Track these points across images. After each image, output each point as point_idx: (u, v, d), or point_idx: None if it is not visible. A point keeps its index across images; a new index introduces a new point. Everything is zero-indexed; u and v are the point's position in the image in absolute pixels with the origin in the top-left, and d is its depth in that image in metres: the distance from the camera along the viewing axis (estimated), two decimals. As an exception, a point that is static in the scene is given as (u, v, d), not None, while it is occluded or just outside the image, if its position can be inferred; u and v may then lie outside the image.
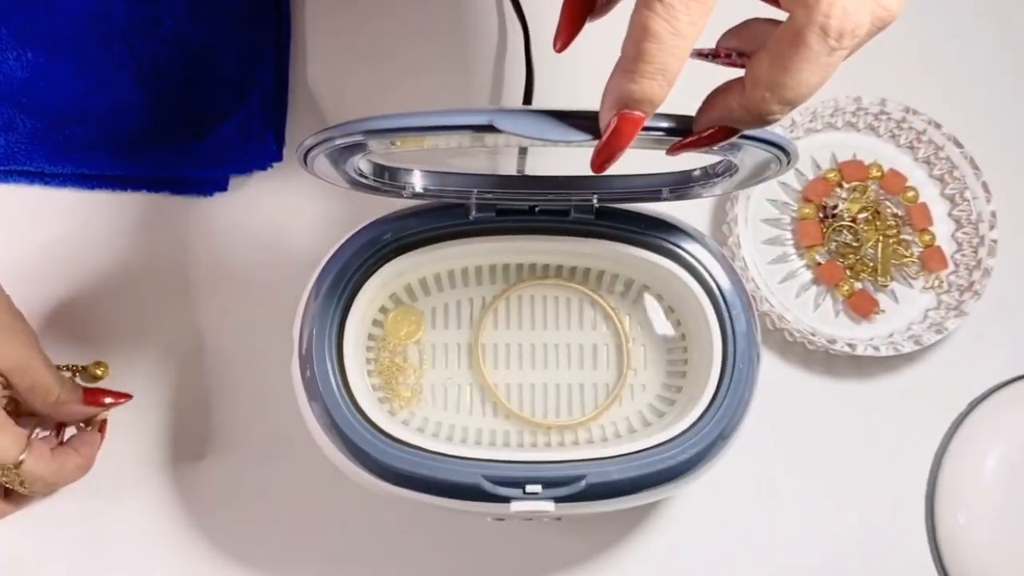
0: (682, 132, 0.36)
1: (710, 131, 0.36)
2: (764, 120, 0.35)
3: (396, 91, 0.59)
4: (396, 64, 0.59)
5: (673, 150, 0.38)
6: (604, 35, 0.39)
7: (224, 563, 0.53)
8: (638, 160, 0.40)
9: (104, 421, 0.54)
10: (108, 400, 0.53)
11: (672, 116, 0.36)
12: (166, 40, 0.57)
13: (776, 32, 0.34)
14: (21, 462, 0.48)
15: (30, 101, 0.56)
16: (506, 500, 0.45)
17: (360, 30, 0.60)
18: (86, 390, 0.53)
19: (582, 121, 0.36)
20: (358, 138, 0.37)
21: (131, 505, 0.53)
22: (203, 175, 0.57)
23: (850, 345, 0.55)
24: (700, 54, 0.38)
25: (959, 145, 0.57)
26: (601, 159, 0.36)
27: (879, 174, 0.58)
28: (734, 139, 0.36)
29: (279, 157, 0.57)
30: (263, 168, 0.57)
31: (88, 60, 0.57)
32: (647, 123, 0.34)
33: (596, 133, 0.35)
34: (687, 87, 0.37)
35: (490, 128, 0.35)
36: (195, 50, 0.57)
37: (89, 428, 0.54)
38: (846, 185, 0.58)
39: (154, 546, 0.53)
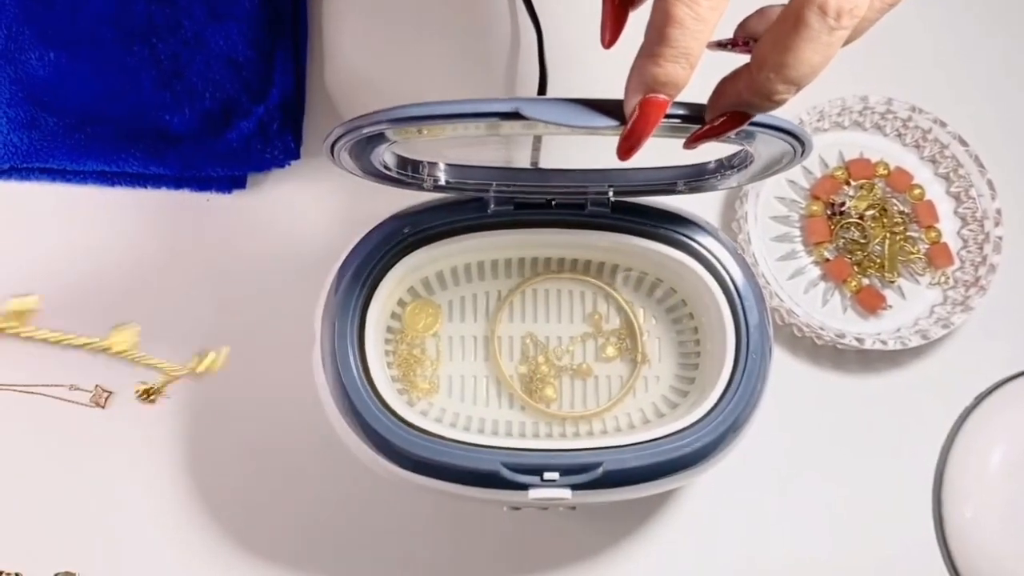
0: (703, 119, 0.37)
1: (722, 118, 0.37)
2: (771, 101, 0.36)
3: (412, 90, 0.60)
4: (411, 63, 0.60)
5: (690, 142, 0.39)
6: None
7: (243, 552, 0.53)
8: (654, 153, 0.41)
9: None
10: None
11: (693, 104, 0.37)
12: (186, 41, 0.58)
13: (779, 13, 0.35)
14: None
15: (53, 100, 0.57)
16: (524, 487, 0.45)
17: (376, 30, 0.61)
18: None
19: (607, 108, 0.36)
20: (385, 127, 0.38)
21: (143, 501, 0.54)
22: (222, 173, 0.58)
23: (858, 340, 0.55)
24: (719, 44, 0.39)
25: (964, 143, 0.58)
26: (626, 146, 0.37)
27: (886, 172, 0.59)
28: (748, 127, 0.37)
29: (297, 155, 0.58)
30: (281, 166, 0.58)
31: (110, 60, 0.58)
32: (669, 111, 0.35)
33: (621, 119, 0.36)
34: (709, 81, 0.38)
35: (516, 115, 0.36)
36: (214, 51, 0.58)
37: None
38: (853, 183, 0.59)
39: (169, 541, 0.54)
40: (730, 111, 0.37)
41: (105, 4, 0.58)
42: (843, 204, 0.58)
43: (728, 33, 0.39)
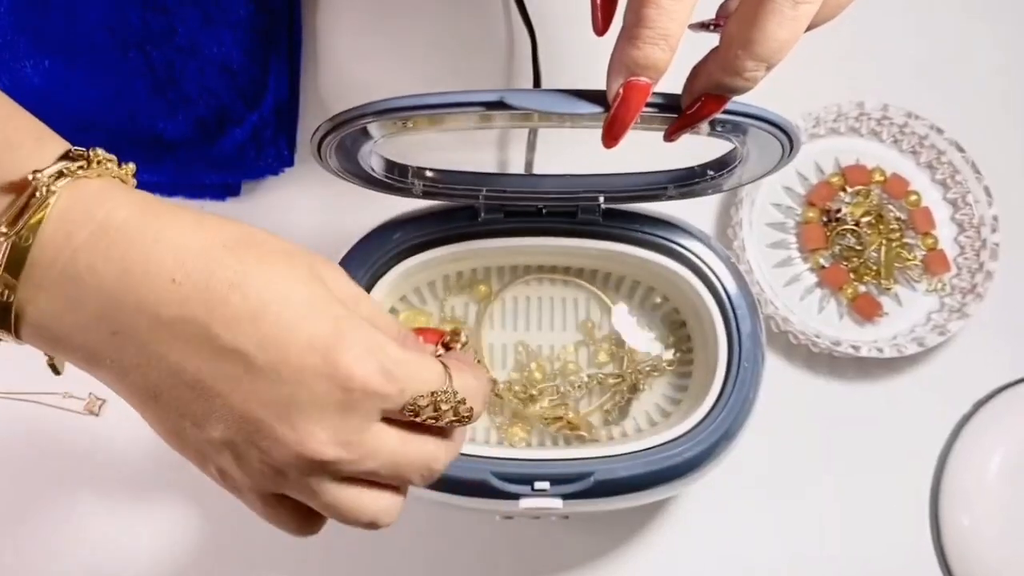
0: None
1: (699, 103, 0.37)
2: (742, 78, 0.35)
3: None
4: (406, 70, 0.60)
5: (670, 133, 0.38)
6: (611, 34, 0.39)
7: (237, 558, 0.53)
8: (643, 156, 0.41)
9: None
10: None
11: (674, 95, 0.37)
12: (180, 48, 0.58)
13: None
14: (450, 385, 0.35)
15: (47, 107, 0.57)
16: (515, 497, 0.45)
17: (370, 37, 0.61)
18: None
19: (590, 96, 0.36)
20: (371, 119, 0.37)
21: (137, 507, 0.54)
22: (216, 180, 0.58)
23: (854, 347, 0.55)
24: (702, 25, 0.39)
25: (961, 150, 0.58)
26: (611, 132, 0.36)
27: (882, 178, 0.59)
28: (734, 118, 0.37)
29: (291, 162, 0.58)
30: (275, 173, 0.58)
31: (104, 68, 0.58)
32: (650, 99, 0.35)
33: (604, 105, 0.36)
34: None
35: (501, 104, 0.36)
36: (208, 58, 0.58)
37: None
38: (849, 189, 0.59)
39: (163, 548, 0.53)
40: (705, 94, 0.37)
41: (100, 11, 0.58)
42: (839, 211, 0.58)
43: (711, 14, 0.39)
